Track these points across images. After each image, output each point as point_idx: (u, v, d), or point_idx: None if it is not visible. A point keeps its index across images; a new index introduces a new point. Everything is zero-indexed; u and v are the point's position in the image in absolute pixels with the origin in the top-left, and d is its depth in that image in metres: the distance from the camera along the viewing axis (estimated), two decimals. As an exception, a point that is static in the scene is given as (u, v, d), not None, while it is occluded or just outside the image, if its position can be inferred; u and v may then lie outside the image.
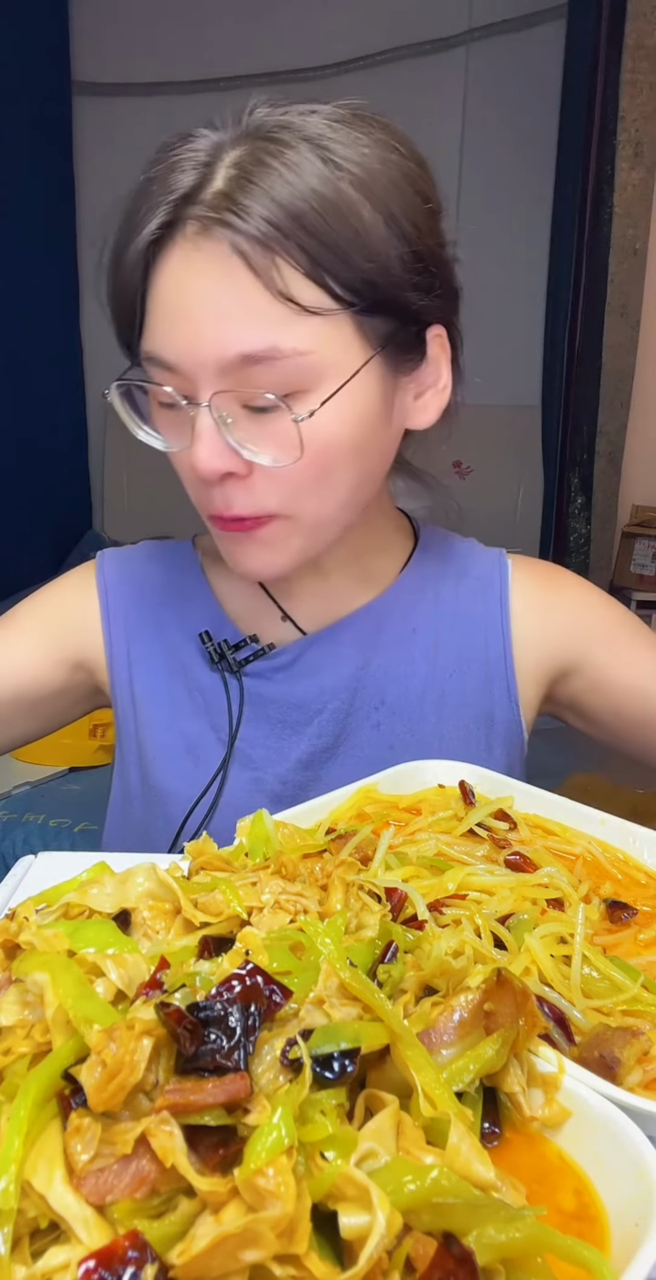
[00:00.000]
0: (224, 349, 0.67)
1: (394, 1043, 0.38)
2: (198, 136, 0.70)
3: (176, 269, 0.68)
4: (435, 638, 0.87)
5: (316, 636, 0.86)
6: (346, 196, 0.67)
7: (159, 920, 0.46)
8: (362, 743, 0.84)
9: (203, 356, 0.67)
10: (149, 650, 0.88)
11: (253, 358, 0.67)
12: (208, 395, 0.68)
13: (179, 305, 0.68)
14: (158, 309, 0.69)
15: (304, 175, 0.66)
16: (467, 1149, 0.35)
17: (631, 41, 2.90)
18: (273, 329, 0.66)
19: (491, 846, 0.62)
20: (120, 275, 0.71)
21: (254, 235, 0.65)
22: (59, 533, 3.60)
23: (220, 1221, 0.31)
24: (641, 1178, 0.36)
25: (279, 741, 0.85)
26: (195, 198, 0.67)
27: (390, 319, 0.71)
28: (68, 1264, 0.31)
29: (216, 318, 0.67)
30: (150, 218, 0.68)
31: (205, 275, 0.67)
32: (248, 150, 0.67)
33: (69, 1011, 0.37)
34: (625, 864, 0.63)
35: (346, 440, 0.71)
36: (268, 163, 0.66)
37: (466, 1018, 0.40)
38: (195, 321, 0.67)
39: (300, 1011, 0.38)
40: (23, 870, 0.62)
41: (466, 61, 3.38)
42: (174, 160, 0.68)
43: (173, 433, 0.73)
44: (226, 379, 0.68)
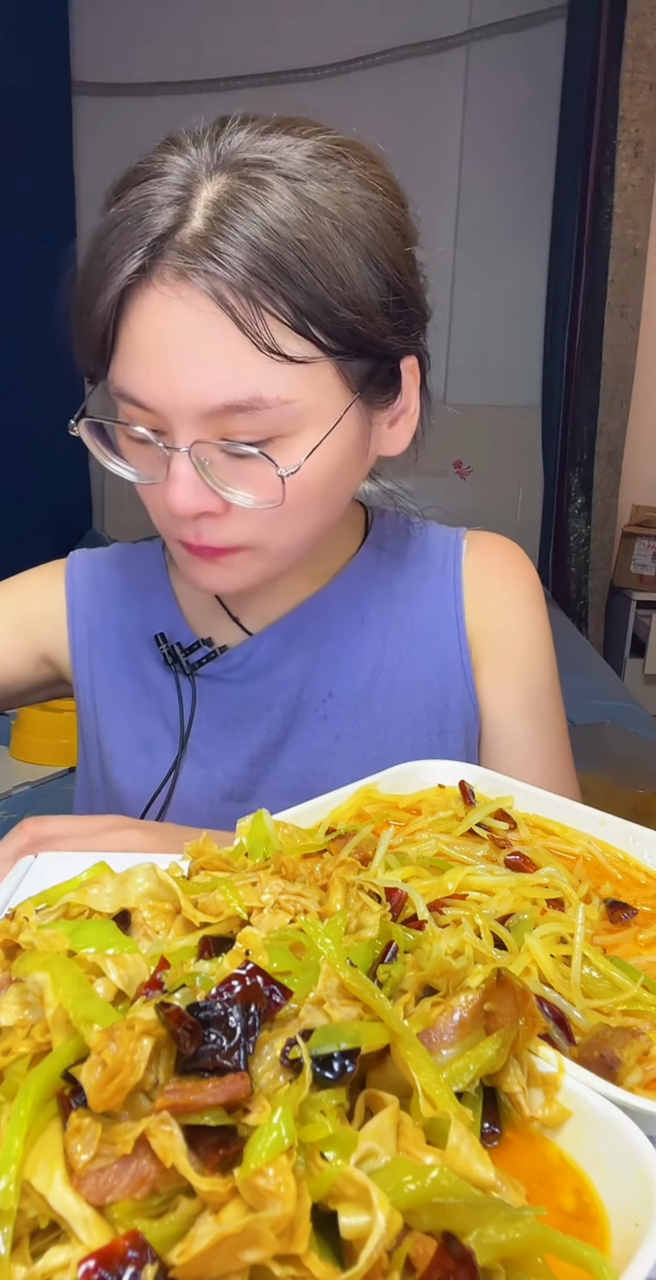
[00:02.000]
0: (206, 398, 0.65)
1: (394, 1043, 0.38)
2: (170, 163, 0.66)
3: (154, 312, 0.65)
4: (383, 625, 0.87)
5: (265, 634, 0.86)
6: (330, 243, 0.65)
7: (159, 920, 0.46)
8: (310, 735, 0.85)
9: (182, 403, 0.65)
10: (109, 651, 0.90)
11: (236, 406, 0.65)
12: (186, 440, 0.67)
13: (156, 349, 0.65)
14: (132, 349, 0.66)
15: (286, 221, 0.63)
16: (467, 1149, 0.35)
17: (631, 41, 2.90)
18: (256, 379, 0.65)
19: (491, 846, 0.62)
20: (89, 308, 0.67)
21: (237, 286, 0.63)
22: (59, 533, 3.59)
23: (220, 1221, 0.31)
24: (641, 1178, 0.36)
25: (229, 739, 0.86)
26: (173, 238, 0.64)
27: (370, 361, 0.71)
28: (68, 1264, 0.31)
29: (198, 366, 0.65)
30: (126, 256, 0.64)
31: (185, 321, 0.64)
32: (225, 187, 0.64)
33: (69, 1011, 0.37)
34: (625, 864, 0.63)
35: (324, 482, 0.71)
36: (248, 205, 0.63)
37: (466, 1018, 0.40)
38: (174, 368, 0.65)
39: (300, 1011, 0.38)
40: (23, 870, 0.62)
41: (466, 61, 3.38)
42: (148, 194, 0.65)
43: (143, 464, 0.72)
44: (206, 425, 0.66)
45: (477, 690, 0.87)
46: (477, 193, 3.30)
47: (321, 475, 0.71)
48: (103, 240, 0.66)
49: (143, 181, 0.66)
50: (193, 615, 0.89)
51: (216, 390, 0.65)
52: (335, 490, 0.74)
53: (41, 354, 3.36)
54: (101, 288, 0.66)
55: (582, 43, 3.07)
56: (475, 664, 0.88)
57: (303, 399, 0.67)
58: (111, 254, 0.65)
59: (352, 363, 0.69)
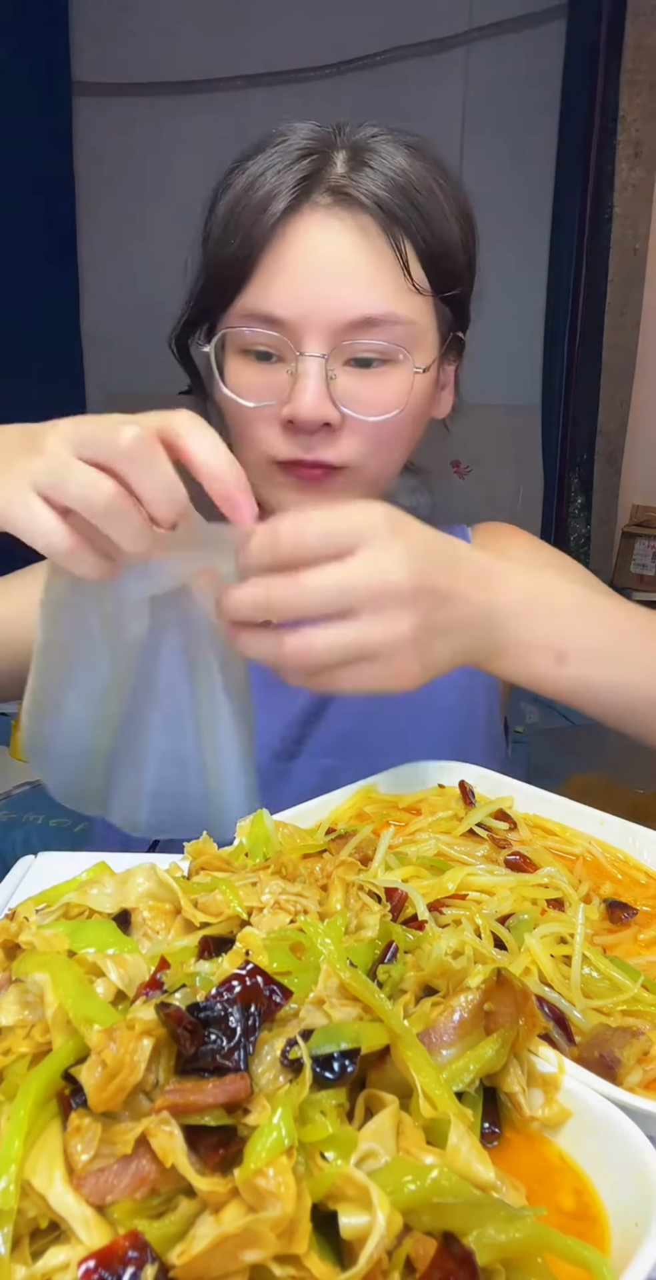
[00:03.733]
0: (348, 308, 0.74)
1: (394, 1043, 0.38)
2: (296, 130, 0.78)
3: (308, 233, 0.74)
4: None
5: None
6: (441, 199, 0.78)
7: (159, 920, 0.46)
8: (345, 700, 0.90)
9: (322, 313, 0.74)
10: None
11: (373, 320, 0.74)
12: (316, 349, 0.74)
13: (306, 265, 0.74)
14: (279, 268, 0.75)
15: (411, 172, 0.76)
16: (467, 1149, 0.35)
17: (631, 41, 2.90)
18: (392, 297, 0.75)
19: (491, 846, 0.62)
20: (236, 238, 0.75)
21: (386, 208, 0.74)
22: (58, 532, 3.60)
23: (220, 1222, 0.31)
24: (641, 1178, 0.36)
25: (277, 698, 0.90)
26: (321, 175, 0.75)
27: (453, 313, 0.82)
28: (68, 1264, 0.31)
29: (344, 280, 0.74)
30: (282, 190, 0.74)
31: (335, 243, 0.74)
32: (356, 145, 0.77)
33: (69, 1011, 0.37)
34: (625, 864, 0.63)
35: (421, 407, 0.80)
36: (381, 156, 0.76)
37: (466, 1018, 0.40)
38: (321, 281, 0.74)
39: (300, 1012, 0.38)
40: (23, 870, 0.62)
41: (466, 61, 3.37)
42: (285, 146, 0.76)
43: (257, 389, 0.77)
44: (336, 340, 0.74)
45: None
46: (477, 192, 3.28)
47: (421, 399, 0.80)
48: (252, 183, 0.76)
49: (280, 142, 0.77)
50: None
51: (360, 302, 0.74)
52: (418, 425, 0.83)
53: (42, 352, 3.37)
54: (255, 217, 0.75)
55: (582, 43, 3.06)
56: None
57: (419, 324, 0.78)
58: (262, 188, 0.75)
59: (445, 310, 0.81)
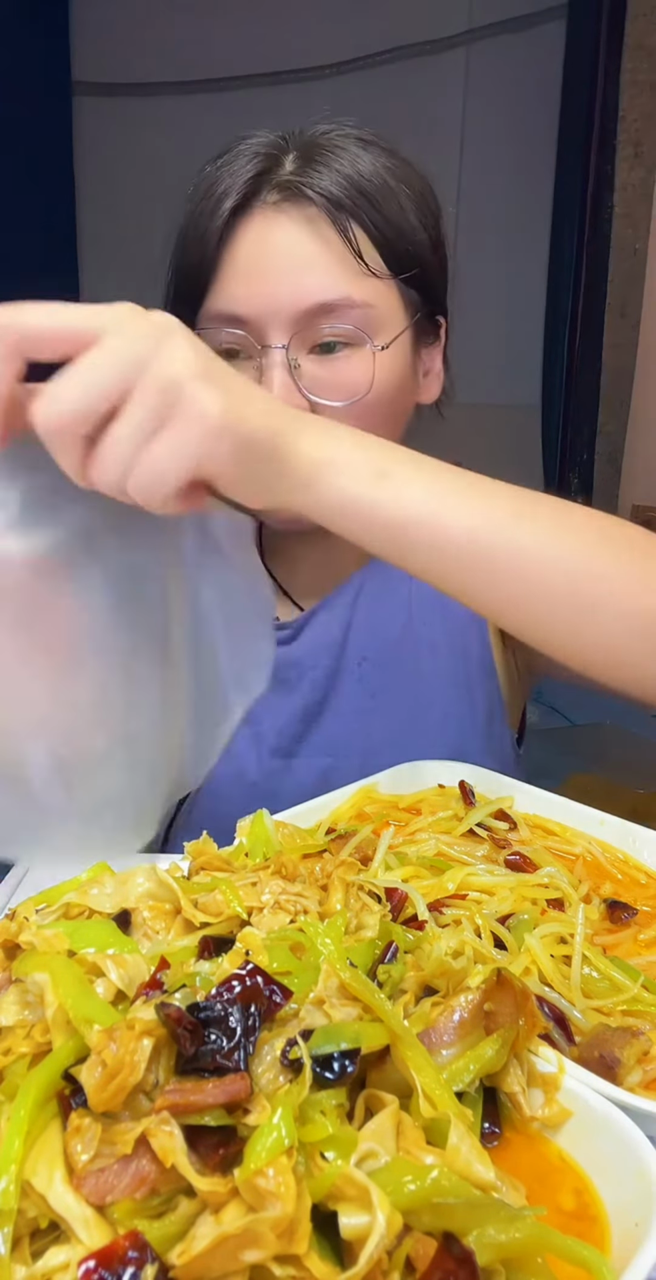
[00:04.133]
0: (303, 297, 0.75)
1: (394, 1043, 0.38)
2: (251, 138, 0.80)
3: (258, 230, 0.76)
4: (409, 593, 0.94)
5: (313, 611, 0.93)
6: (393, 186, 0.79)
7: (159, 920, 0.46)
8: (349, 694, 0.92)
9: (279, 305, 0.75)
10: None
11: (328, 306, 0.76)
12: (278, 340, 0.75)
13: (259, 260, 0.76)
14: (234, 267, 0.77)
15: (360, 161, 0.79)
16: (467, 1149, 0.35)
17: (631, 41, 2.90)
18: (347, 281, 0.76)
19: (491, 846, 0.62)
20: (194, 247, 0.78)
21: (332, 199, 0.76)
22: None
23: (220, 1222, 0.31)
24: (641, 1178, 0.36)
25: (276, 698, 0.91)
26: (270, 175, 0.77)
27: (420, 294, 0.83)
28: (68, 1264, 0.31)
29: (296, 271, 0.76)
30: (230, 191, 0.76)
31: (288, 232, 0.76)
32: (306, 144, 0.79)
33: (69, 1011, 0.37)
34: (625, 864, 0.63)
35: (392, 389, 0.81)
36: (330, 151, 0.79)
37: (466, 1018, 0.40)
38: (274, 274, 0.76)
39: (300, 1012, 0.38)
40: (23, 870, 0.62)
41: (466, 61, 3.37)
42: (238, 151, 0.79)
43: None
44: (300, 326, 0.76)
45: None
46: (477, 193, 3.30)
47: (391, 381, 0.80)
48: (208, 188, 0.78)
49: (236, 148, 0.80)
50: None
51: (313, 290, 0.75)
52: (395, 411, 0.84)
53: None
54: (209, 220, 0.77)
55: (582, 43, 3.07)
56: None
57: (378, 307, 0.79)
58: (216, 192, 0.77)
59: (410, 291, 0.82)
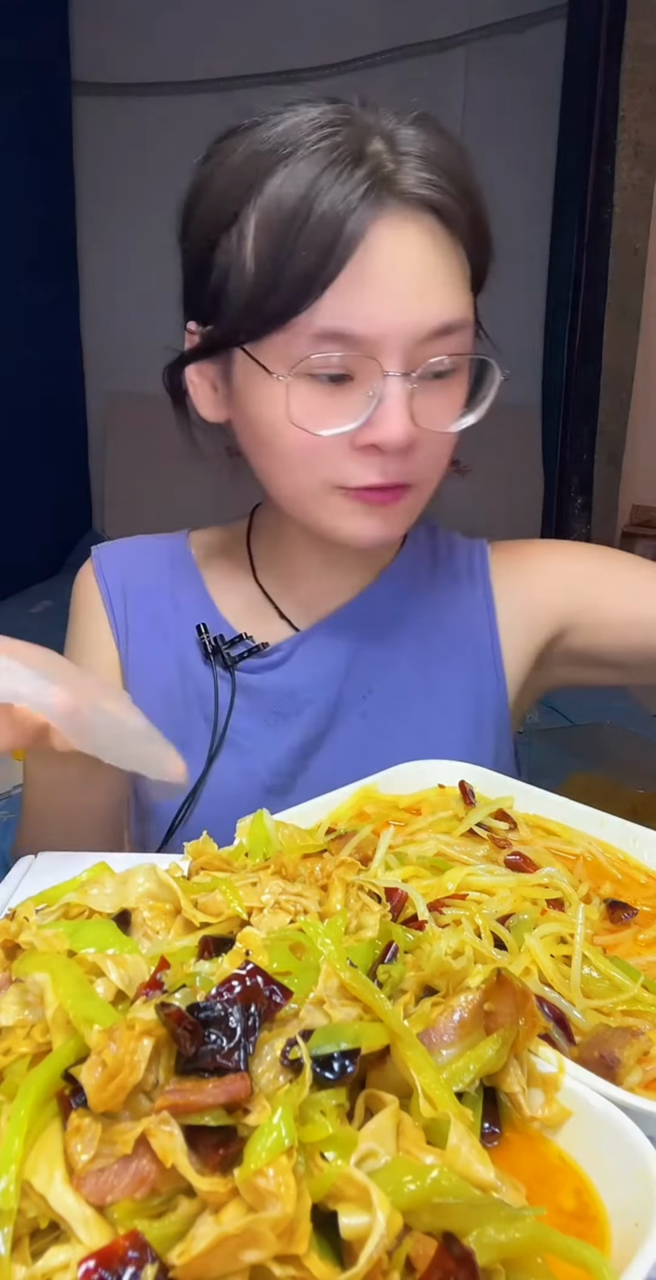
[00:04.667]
0: (428, 318, 0.70)
1: (394, 1043, 0.38)
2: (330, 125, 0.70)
3: (384, 243, 0.69)
4: (422, 626, 0.89)
5: (309, 632, 0.87)
6: (475, 182, 0.74)
7: (159, 920, 0.46)
8: (351, 731, 0.86)
9: (404, 327, 0.69)
10: (145, 642, 0.90)
11: (450, 327, 0.71)
12: (399, 367, 0.70)
13: (384, 277, 0.69)
14: (355, 284, 0.69)
15: (461, 162, 0.73)
16: (467, 1149, 0.35)
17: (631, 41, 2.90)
18: (463, 299, 0.73)
19: (491, 846, 0.62)
20: (296, 263, 0.69)
21: (454, 212, 0.71)
22: (59, 533, 3.60)
23: (220, 1222, 0.31)
24: (641, 1178, 0.36)
25: (271, 731, 0.86)
26: (378, 174, 0.68)
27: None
28: (68, 1264, 0.31)
29: (424, 286, 0.70)
30: (348, 204, 0.68)
31: (417, 248, 0.70)
32: (400, 138, 0.71)
33: (69, 1011, 0.37)
34: (625, 864, 0.63)
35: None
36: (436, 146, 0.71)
37: (466, 1018, 0.40)
38: (401, 292, 0.69)
39: (300, 1012, 0.38)
40: (23, 870, 0.62)
41: (466, 61, 3.37)
42: (327, 144, 0.69)
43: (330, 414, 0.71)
44: (415, 352, 0.70)
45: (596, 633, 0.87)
46: (477, 193, 3.30)
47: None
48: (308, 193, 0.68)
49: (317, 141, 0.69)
50: (229, 612, 0.90)
51: (437, 311, 0.70)
52: None
53: (42, 353, 3.37)
54: (326, 236, 0.68)
55: (582, 43, 3.07)
56: (563, 630, 0.88)
57: (471, 323, 0.74)
58: (324, 197, 0.68)
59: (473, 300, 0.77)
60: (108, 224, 3.60)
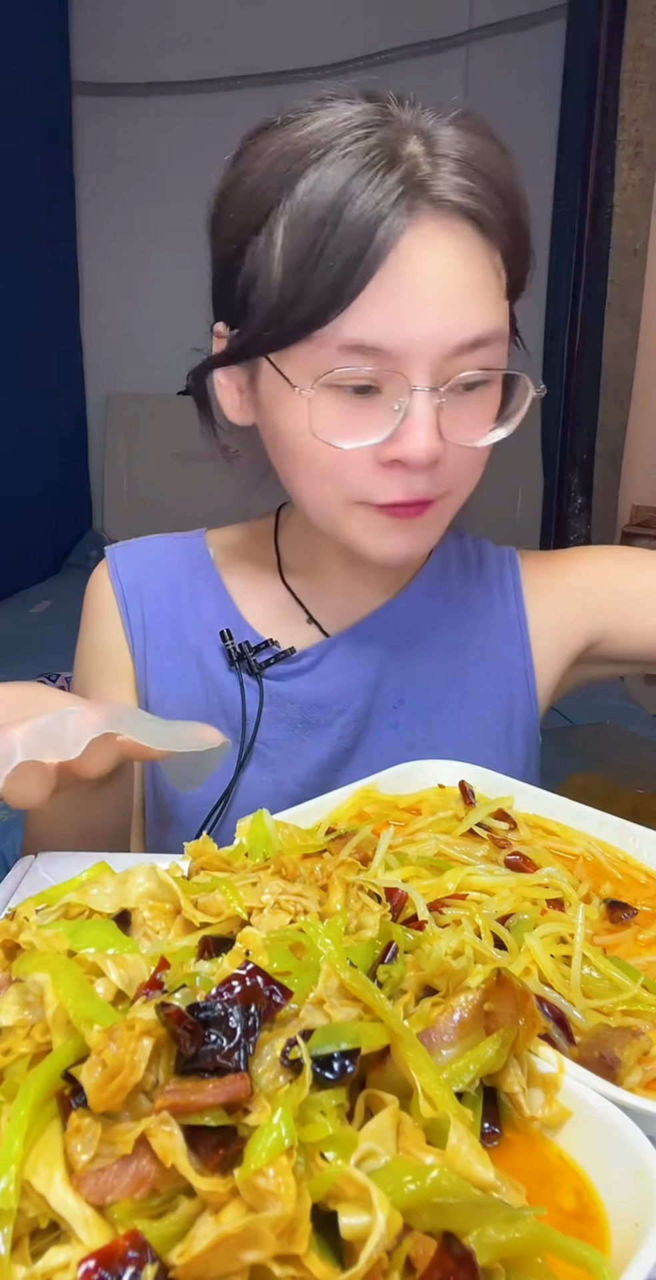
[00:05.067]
0: (459, 331, 0.67)
1: (394, 1043, 0.38)
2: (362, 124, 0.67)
3: (415, 252, 0.66)
4: (454, 637, 0.87)
5: (338, 638, 0.85)
6: (517, 190, 0.70)
7: (159, 920, 0.46)
8: (382, 743, 0.83)
9: (433, 340, 0.66)
10: (164, 648, 0.87)
11: (482, 340, 0.68)
12: (426, 381, 0.67)
13: (415, 289, 0.66)
14: (383, 294, 0.66)
15: (499, 167, 0.69)
16: (467, 1149, 0.35)
17: (631, 41, 2.90)
18: (496, 310, 0.69)
19: (491, 846, 0.62)
20: (325, 271, 0.66)
21: (491, 220, 0.67)
22: (59, 533, 3.59)
23: (220, 1222, 0.31)
24: (641, 1178, 0.36)
25: (299, 743, 0.83)
26: (419, 181, 0.66)
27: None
28: (68, 1264, 0.31)
29: (457, 297, 0.67)
30: (380, 209, 0.65)
31: (451, 258, 0.67)
32: (435, 137, 0.68)
33: (69, 1011, 0.37)
34: (625, 864, 0.63)
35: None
36: (471, 147, 0.68)
37: (466, 1018, 0.40)
38: (433, 303, 0.66)
39: (300, 1012, 0.38)
40: (23, 870, 0.62)
41: (466, 61, 3.38)
42: (358, 147, 0.66)
43: (354, 426, 0.69)
44: (443, 366, 0.68)
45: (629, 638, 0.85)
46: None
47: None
48: (339, 198, 0.65)
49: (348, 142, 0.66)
50: (253, 617, 0.87)
51: (469, 324, 0.67)
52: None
53: (42, 353, 3.37)
54: (355, 245, 0.65)
55: (582, 43, 3.07)
56: (598, 639, 0.86)
57: (505, 333, 0.71)
58: (355, 202, 0.65)
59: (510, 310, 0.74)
60: (108, 224, 3.61)
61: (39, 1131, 0.34)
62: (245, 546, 0.91)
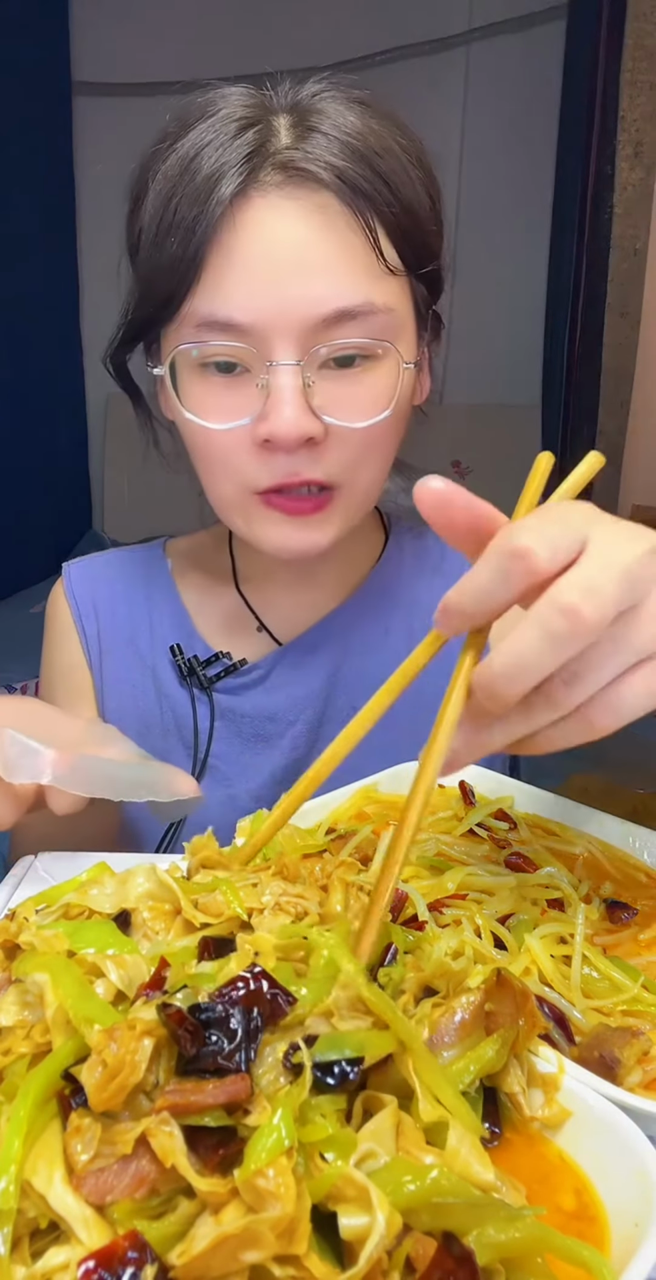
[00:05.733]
0: (319, 303, 0.64)
1: (405, 1055, 0.38)
2: (236, 97, 0.67)
3: (259, 220, 0.63)
4: (408, 638, 0.85)
5: (289, 648, 0.84)
6: (403, 159, 0.67)
7: (159, 921, 0.46)
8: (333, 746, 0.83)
9: (290, 314, 0.64)
10: (120, 663, 0.86)
11: (348, 313, 0.65)
12: (288, 356, 0.64)
13: (263, 258, 0.63)
14: (230, 267, 0.64)
15: (366, 133, 0.65)
16: (467, 1150, 0.35)
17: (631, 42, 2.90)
18: (369, 283, 0.65)
19: (491, 846, 0.62)
20: (173, 239, 0.65)
21: (348, 181, 0.64)
22: (59, 533, 3.59)
23: (220, 1222, 0.31)
24: (641, 1178, 0.36)
25: (253, 757, 0.82)
26: (266, 148, 0.64)
27: (427, 289, 0.72)
28: (68, 1264, 0.31)
29: (312, 268, 0.64)
30: (222, 172, 0.63)
31: (299, 223, 0.64)
32: (304, 109, 0.66)
33: (69, 1012, 0.37)
34: (625, 864, 0.63)
35: (408, 400, 0.72)
36: (330, 119, 0.65)
37: (468, 1019, 0.40)
38: (283, 277, 0.63)
39: (306, 1020, 0.38)
40: (23, 870, 0.62)
41: (466, 61, 3.37)
42: (219, 116, 0.65)
43: (224, 408, 0.68)
44: (308, 340, 0.65)
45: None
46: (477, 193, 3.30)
47: (408, 394, 0.71)
48: (186, 165, 0.65)
49: (211, 112, 0.66)
50: (206, 628, 0.86)
51: (331, 294, 0.64)
52: (409, 413, 0.74)
53: (42, 353, 3.37)
54: (193, 205, 0.64)
55: (582, 43, 3.06)
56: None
57: (397, 310, 0.67)
58: (201, 170, 0.64)
59: (419, 286, 0.71)
60: (108, 224, 3.60)
61: (39, 1131, 0.34)
62: (202, 554, 0.89)
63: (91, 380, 3.73)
